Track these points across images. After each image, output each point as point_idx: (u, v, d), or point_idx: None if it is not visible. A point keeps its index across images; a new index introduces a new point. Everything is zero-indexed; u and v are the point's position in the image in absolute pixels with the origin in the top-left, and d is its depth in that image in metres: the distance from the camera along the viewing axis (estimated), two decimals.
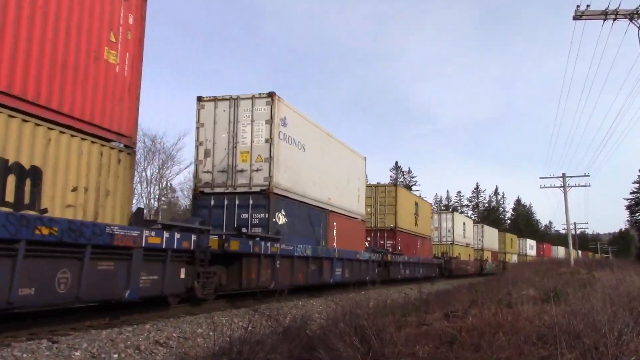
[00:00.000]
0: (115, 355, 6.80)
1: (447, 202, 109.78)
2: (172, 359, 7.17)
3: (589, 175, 41.35)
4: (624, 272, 16.88)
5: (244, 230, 12.69)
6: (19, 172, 6.94)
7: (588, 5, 15.45)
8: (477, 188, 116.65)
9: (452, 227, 42.27)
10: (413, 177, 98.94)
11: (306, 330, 7.10)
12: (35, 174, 7.18)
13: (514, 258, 65.89)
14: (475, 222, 58.64)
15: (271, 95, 14.23)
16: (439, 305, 9.43)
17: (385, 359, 5.17)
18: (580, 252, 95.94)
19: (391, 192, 28.05)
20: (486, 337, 5.55)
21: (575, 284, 12.49)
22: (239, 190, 14.04)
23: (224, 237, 11.52)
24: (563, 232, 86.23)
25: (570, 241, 43.31)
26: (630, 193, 77.23)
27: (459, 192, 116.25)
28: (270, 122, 14.12)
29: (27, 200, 7.05)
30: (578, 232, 76.13)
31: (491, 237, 56.83)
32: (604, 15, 15.25)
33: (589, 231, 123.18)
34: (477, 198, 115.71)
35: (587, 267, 27.28)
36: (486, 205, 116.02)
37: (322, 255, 16.61)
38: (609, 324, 5.21)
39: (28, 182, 7.07)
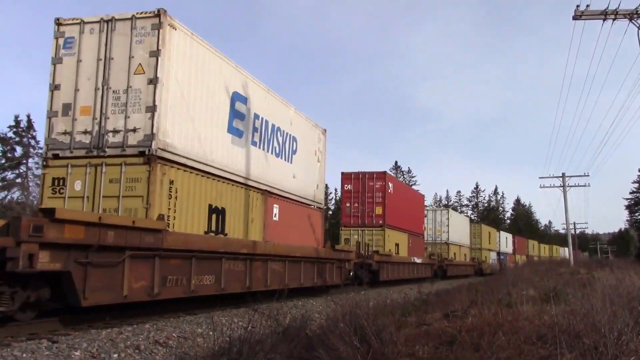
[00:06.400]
0: (115, 355, 6.80)
1: (446, 202, 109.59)
2: (171, 358, 7.18)
3: (588, 175, 41.62)
4: (623, 272, 16.87)
5: None
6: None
7: (588, 5, 15.39)
8: (476, 188, 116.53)
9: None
10: (413, 177, 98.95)
11: (306, 330, 7.09)
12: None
13: None
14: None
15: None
16: (438, 305, 9.43)
17: (385, 358, 5.17)
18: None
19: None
20: (486, 337, 5.54)
21: (575, 284, 12.49)
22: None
23: None
24: (563, 231, 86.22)
25: (570, 241, 43.38)
26: (630, 193, 77.30)
27: (458, 192, 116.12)
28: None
29: None
30: (578, 232, 76.04)
31: None
32: (604, 15, 15.20)
33: (589, 231, 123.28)
34: (477, 198, 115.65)
35: (586, 266, 27.29)
36: (486, 205, 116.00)
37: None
38: (609, 324, 5.20)
39: None
